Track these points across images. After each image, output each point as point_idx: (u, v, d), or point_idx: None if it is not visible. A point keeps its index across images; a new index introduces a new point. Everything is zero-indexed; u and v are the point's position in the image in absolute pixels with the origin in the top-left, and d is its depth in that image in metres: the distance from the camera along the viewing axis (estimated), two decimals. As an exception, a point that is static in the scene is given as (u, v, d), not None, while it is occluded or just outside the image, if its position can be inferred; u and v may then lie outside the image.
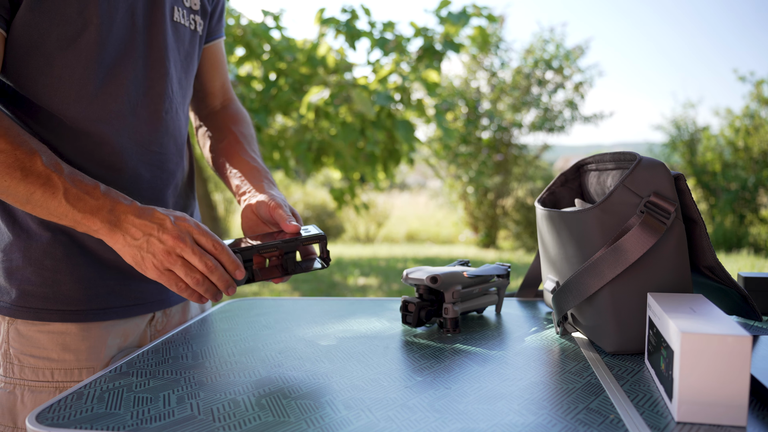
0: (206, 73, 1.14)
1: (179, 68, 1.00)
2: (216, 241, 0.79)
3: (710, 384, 0.58)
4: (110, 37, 0.88)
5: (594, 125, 11.74)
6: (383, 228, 12.66)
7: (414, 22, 5.18)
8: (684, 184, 0.82)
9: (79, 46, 0.85)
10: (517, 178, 10.71)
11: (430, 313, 0.94)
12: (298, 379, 0.73)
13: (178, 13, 0.98)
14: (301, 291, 6.06)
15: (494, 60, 11.00)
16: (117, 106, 0.91)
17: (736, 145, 9.86)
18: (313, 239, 0.85)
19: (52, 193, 0.78)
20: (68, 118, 0.88)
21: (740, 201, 9.61)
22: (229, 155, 1.06)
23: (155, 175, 0.98)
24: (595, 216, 0.81)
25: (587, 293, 0.81)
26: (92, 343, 0.93)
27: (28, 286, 0.91)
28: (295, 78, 4.95)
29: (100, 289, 0.94)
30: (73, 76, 0.87)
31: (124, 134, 0.92)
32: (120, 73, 0.90)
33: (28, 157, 0.78)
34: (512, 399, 0.66)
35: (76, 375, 0.92)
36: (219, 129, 1.13)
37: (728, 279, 0.84)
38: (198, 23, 1.03)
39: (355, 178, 5.60)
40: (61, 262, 0.91)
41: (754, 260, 7.79)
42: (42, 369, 0.91)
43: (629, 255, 0.77)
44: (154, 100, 0.95)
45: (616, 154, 0.90)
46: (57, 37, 0.84)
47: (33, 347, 0.91)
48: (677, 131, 10.41)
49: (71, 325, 0.92)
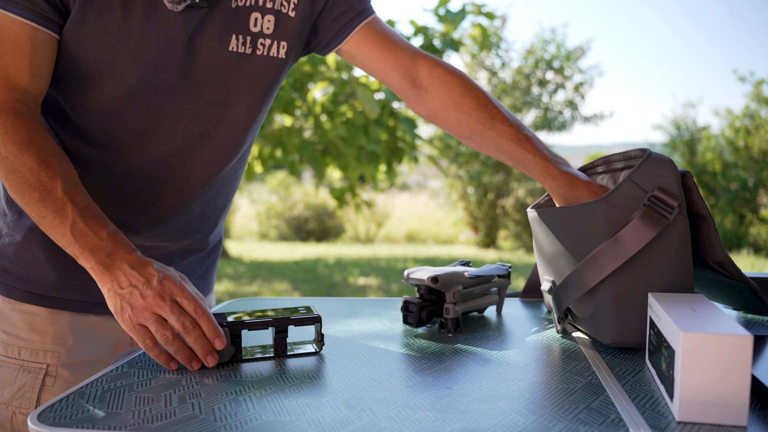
0: (374, 70, 1.02)
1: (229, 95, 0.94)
2: (198, 306, 0.76)
3: (711, 384, 0.58)
4: (144, 65, 0.87)
5: (594, 125, 11.74)
6: (383, 228, 12.66)
7: (414, 20, 5.19)
8: (691, 181, 0.82)
9: (112, 69, 0.87)
10: (517, 177, 10.71)
11: (431, 313, 0.94)
12: (299, 379, 0.73)
13: (235, 42, 0.91)
14: (301, 291, 6.06)
15: (495, 60, 11.00)
16: (133, 126, 0.91)
17: (736, 145, 9.85)
18: (308, 320, 0.81)
19: (61, 222, 0.79)
20: (88, 128, 0.91)
21: (740, 201, 9.61)
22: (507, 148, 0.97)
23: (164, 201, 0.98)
24: (600, 210, 0.81)
25: (588, 286, 0.81)
26: (59, 328, 0.96)
27: (7, 264, 0.95)
28: (296, 77, 4.95)
29: (73, 282, 0.96)
30: (103, 93, 0.88)
31: (137, 152, 0.93)
32: (147, 96, 0.90)
33: (51, 180, 0.79)
34: (513, 399, 0.66)
35: (41, 356, 0.95)
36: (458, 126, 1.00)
37: (738, 274, 0.84)
38: (268, 47, 0.94)
39: (355, 177, 5.60)
40: (39, 247, 0.94)
41: (754, 260, 7.79)
42: (11, 346, 0.95)
43: (629, 247, 0.78)
44: (177, 124, 0.93)
45: (625, 153, 0.90)
46: (92, 59, 0.86)
47: (6, 324, 0.96)
48: (677, 131, 10.41)
49: (41, 307, 0.95)
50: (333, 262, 8.24)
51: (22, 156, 0.80)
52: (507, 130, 0.96)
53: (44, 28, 0.82)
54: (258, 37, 0.93)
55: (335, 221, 12.64)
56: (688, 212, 0.83)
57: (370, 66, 1.02)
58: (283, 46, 0.95)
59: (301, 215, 12.64)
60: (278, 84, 0.99)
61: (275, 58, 0.95)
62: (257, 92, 0.96)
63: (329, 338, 0.91)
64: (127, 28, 0.85)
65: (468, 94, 0.99)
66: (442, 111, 1.01)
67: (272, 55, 0.95)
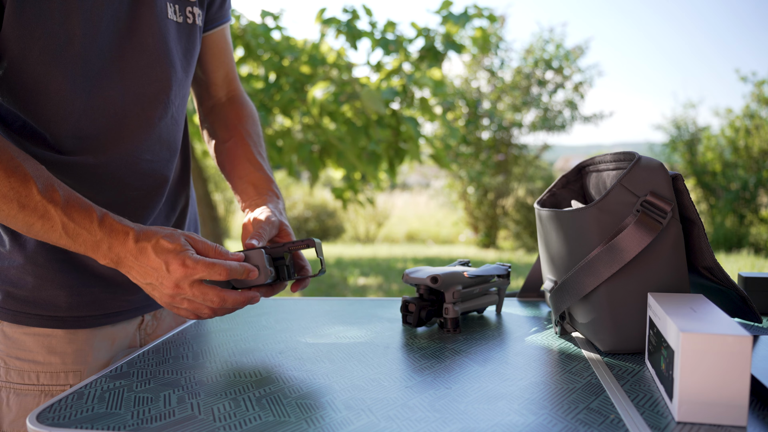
0: (208, 63, 1.08)
1: (178, 69, 0.95)
2: (213, 271, 0.77)
3: (710, 384, 0.58)
4: (95, 48, 0.83)
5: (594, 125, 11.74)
6: (383, 228, 12.66)
7: (415, 23, 5.19)
8: (682, 185, 0.82)
9: (62, 60, 0.81)
10: (517, 177, 10.71)
11: (431, 313, 0.94)
12: (298, 379, 0.73)
13: (171, 9, 0.92)
14: (301, 291, 6.06)
15: (494, 60, 11.01)
16: (105, 120, 0.88)
17: (736, 145, 9.86)
18: (302, 244, 0.84)
19: (51, 227, 0.77)
20: (55, 135, 0.86)
21: (740, 201, 9.60)
22: (234, 159, 1.05)
23: (145, 183, 0.95)
24: (592, 215, 0.81)
25: (583, 292, 0.81)
26: (79, 346, 0.92)
27: (11, 288, 0.89)
28: (296, 77, 4.95)
29: (84, 297, 0.92)
30: (60, 92, 0.83)
31: (112, 147, 0.90)
32: (107, 86, 0.86)
33: (23, 185, 0.75)
34: (513, 399, 0.66)
35: (62, 378, 0.91)
36: (224, 126, 1.09)
37: (727, 280, 0.84)
38: (196, 14, 0.97)
39: (357, 177, 5.60)
40: (42, 267, 0.89)
41: (755, 260, 7.79)
42: (28, 372, 0.90)
43: (625, 254, 0.77)
44: (146, 109, 0.91)
45: (616, 155, 0.90)
46: (39, 52, 0.80)
47: (19, 350, 0.90)
48: (677, 131, 10.41)
49: (56, 329, 0.91)
50: (333, 262, 8.24)
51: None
52: (254, 160, 1.04)
53: None
54: (185, 5, 0.95)
55: (335, 221, 12.63)
56: (679, 216, 0.83)
57: (208, 58, 1.08)
58: (199, 14, 0.99)
59: (301, 215, 12.64)
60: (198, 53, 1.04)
61: (197, 26, 0.99)
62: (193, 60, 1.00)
63: (329, 338, 0.91)
64: (67, 9, 0.80)
65: (251, 116, 1.11)
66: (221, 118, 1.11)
67: (198, 24, 0.98)
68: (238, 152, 1.05)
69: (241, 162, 1.04)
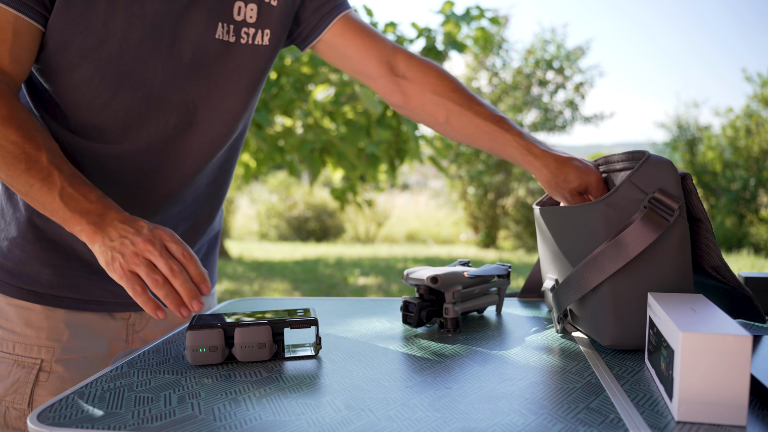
0: (350, 59, 1.04)
1: (215, 84, 0.94)
2: (186, 251, 0.79)
3: (710, 383, 0.58)
4: (131, 52, 0.87)
5: (594, 125, 11.74)
6: (383, 228, 12.66)
7: (416, 23, 5.19)
8: (691, 184, 0.82)
9: (97, 56, 0.86)
10: (517, 177, 10.71)
11: (431, 313, 0.94)
12: (298, 379, 0.73)
13: (221, 30, 0.92)
14: (301, 291, 6.06)
15: (496, 60, 11.01)
16: (127, 119, 0.91)
17: (736, 145, 9.85)
18: (304, 323, 0.81)
19: (49, 189, 0.80)
20: (79, 120, 0.90)
21: (740, 201, 9.60)
22: (477, 133, 1.00)
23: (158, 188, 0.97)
24: (600, 211, 0.81)
25: (588, 287, 0.81)
26: (54, 324, 0.96)
27: (0, 258, 0.96)
28: (297, 77, 4.95)
29: (66, 279, 0.96)
30: (90, 83, 0.88)
31: (130, 144, 0.93)
32: (135, 87, 0.89)
33: (35, 151, 0.80)
34: (513, 398, 0.66)
35: (35, 351, 0.95)
36: (432, 106, 1.02)
37: (733, 279, 0.84)
38: (251, 35, 0.95)
39: (356, 177, 5.60)
40: (31, 244, 0.95)
41: (755, 260, 7.79)
42: (6, 340, 0.95)
43: (630, 249, 0.78)
44: (166, 114, 0.93)
45: (625, 154, 0.90)
46: (78, 45, 0.85)
47: (1, 317, 0.96)
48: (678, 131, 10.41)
49: (35, 304, 0.96)
50: (333, 262, 8.24)
51: (5, 130, 0.80)
52: (484, 111, 0.99)
53: (25, 17, 0.82)
54: (242, 26, 0.94)
55: (335, 221, 12.64)
56: (686, 215, 0.84)
57: (349, 53, 1.03)
58: (266, 33, 0.97)
59: (302, 215, 12.65)
60: (266, 72, 1.01)
61: (260, 46, 0.96)
62: (245, 80, 0.97)
63: (329, 338, 0.91)
64: (113, 12, 0.85)
65: (445, 79, 1.03)
66: (419, 96, 1.03)
67: (257, 44, 0.96)
68: (470, 126, 1.00)
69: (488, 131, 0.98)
